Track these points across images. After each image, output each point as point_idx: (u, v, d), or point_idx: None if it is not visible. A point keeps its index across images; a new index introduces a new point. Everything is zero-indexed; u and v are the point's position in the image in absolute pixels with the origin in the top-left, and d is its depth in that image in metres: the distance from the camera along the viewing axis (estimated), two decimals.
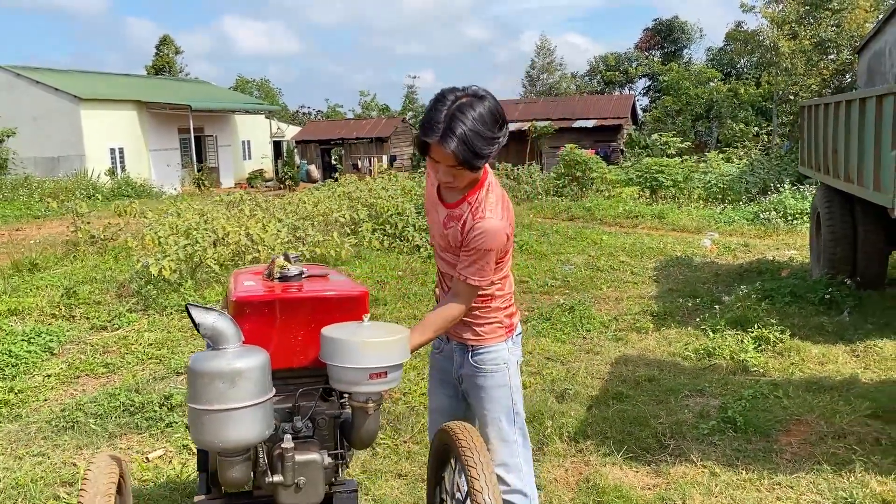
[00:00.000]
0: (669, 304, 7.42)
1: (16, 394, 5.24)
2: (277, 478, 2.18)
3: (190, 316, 2.02)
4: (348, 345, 2.07)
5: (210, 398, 1.99)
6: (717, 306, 7.07)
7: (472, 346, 2.63)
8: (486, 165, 2.50)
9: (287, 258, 2.56)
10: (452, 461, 2.62)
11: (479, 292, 2.55)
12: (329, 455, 2.28)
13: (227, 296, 2.47)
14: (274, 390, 2.13)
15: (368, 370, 2.07)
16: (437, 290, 2.79)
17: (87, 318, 7.25)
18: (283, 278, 2.46)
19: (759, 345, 5.85)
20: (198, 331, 2.03)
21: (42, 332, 6.57)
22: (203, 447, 2.12)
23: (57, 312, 7.39)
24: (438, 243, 2.62)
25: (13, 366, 5.79)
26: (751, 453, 4.04)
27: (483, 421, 2.65)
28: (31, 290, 8.51)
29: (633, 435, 4.29)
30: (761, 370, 5.37)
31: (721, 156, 22.19)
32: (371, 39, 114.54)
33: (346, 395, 2.22)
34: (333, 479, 2.44)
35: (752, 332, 6.01)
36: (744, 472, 3.83)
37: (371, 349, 2.06)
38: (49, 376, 5.65)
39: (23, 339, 6.31)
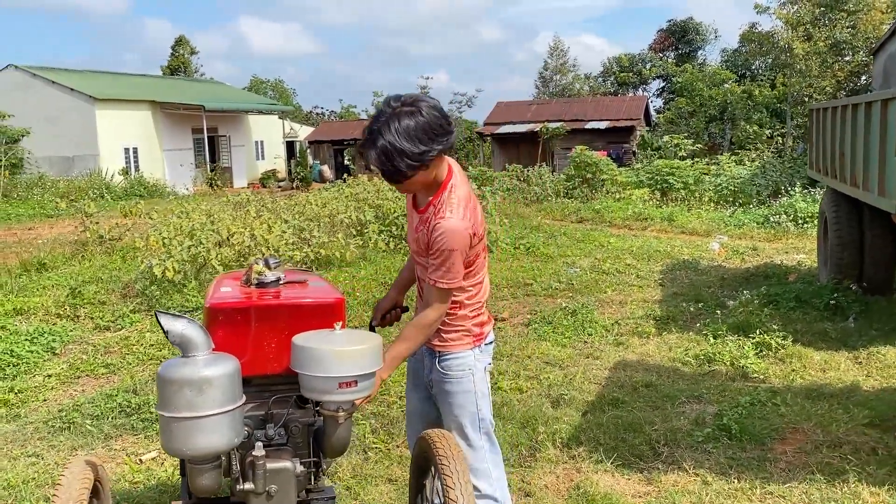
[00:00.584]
0: (673, 308, 7.36)
1: (16, 394, 5.29)
2: (249, 485, 2.17)
3: (159, 323, 2.02)
4: (317, 353, 2.06)
5: (178, 406, 1.98)
6: (720, 311, 7.01)
7: (439, 351, 2.63)
8: (453, 165, 2.52)
9: (267, 264, 2.56)
10: (432, 469, 2.61)
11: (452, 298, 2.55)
12: (302, 463, 2.27)
13: (204, 301, 2.47)
14: (244, 398, 2.12)
15: (337, 379, 2.06)
16: (417, 299, 2.79)
17: (91, 319, 7.30)
18: (260, 284, 2.46)
19: (761, 351, 5.79)
20: (167, 337, 2.02)
21: (45, 331, 6.62)
22: (172, 454, 2.12)
23: (62, 312, 7.45)
24: (413, 248, 2.63)
25: (14, 366, 5.84)
26: (744, 462, 3.99)
27: (449, 426, 2.67)
28: (37, 289, 8.59)
29: (627, 442, 4.25)
30: (761, 377, 5.31)
31: (733, 158, 22.04)
32: (385, 40, 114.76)
33: (318, 404, 2.21)
34: (310, 487, 2.43)
35: (754, 338, 5.95)
36: (736, 481, 3.79)
37: (340, 358, 2.05)
38: (49, 376, 5.70)
39: (26, 339, 6.37)
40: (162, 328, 2.01)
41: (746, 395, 4.84)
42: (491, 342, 2.78)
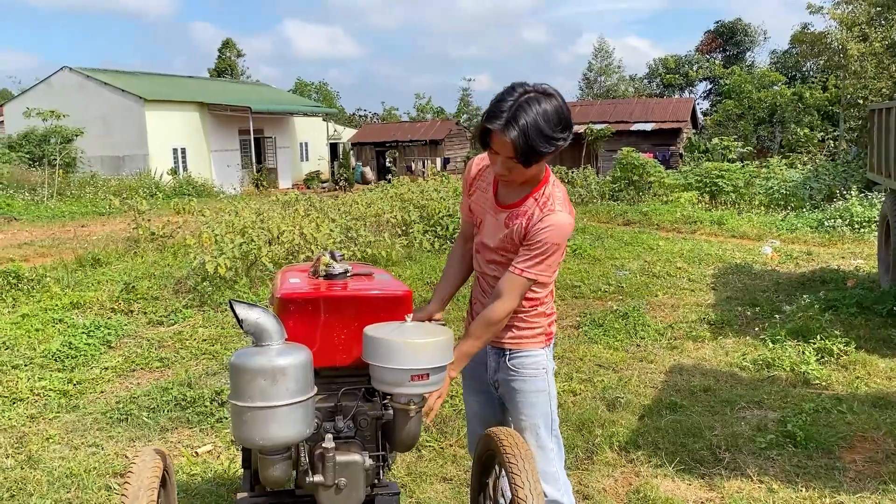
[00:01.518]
0: (727, 312, 7.20)
1: (74, 385, 5.38)
2: (318, 478, 2.15)
3: (233, 311, 2.01)
4: (390, 345, 2.03)
5: (252, 395, 1.97)
6: (777, 316, 6.83)
7: (510, 349, 2.55)
8: (548, 167, 2.44)
9: (333, 256, 2.54)
10: (497, 467, 2.56)
11: (530, 295, 2.47)
12: (370, 456, 2.25)
13: (273, 292, 2.46)
14: (315, 389, 2.10)
15: (410, 371, 2.02)
16: (468, 314, 2.72)
17: (145, 313, 7.42)
18: (329, 276, 2.44)
19: (822, 357, 5.61)
20: (241, 327, 2.01)
21: (101, 325, 6.74)
22: (243, 444, 2.11)
23: (116, 307, 7.58)
24: (492, 245, 2.50)
25: (73, 357, 5.95)
26: (811, 470, 3.86)
27: (519, 427, 2.57)
28: (92, 284, 8.76)
29: (687, 446, 4.15)
30: (823, 383, 5.15)
31: (784, 161, 21.56)
32: (428, 42, 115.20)
33: (388, 397, 2.18)
34: (375, 481, 2.41)
35: (815, 344, 5.78)
36: (804, 489, 3.66)
37: (413, 350, 2.02)
38: (106, 369, 5.79)
39: (83, 332, 6.49)
40: (236, 317, 2.00)
41: (810, 402, 4.69)
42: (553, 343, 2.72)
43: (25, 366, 5.76)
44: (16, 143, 25.66)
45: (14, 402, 5.02)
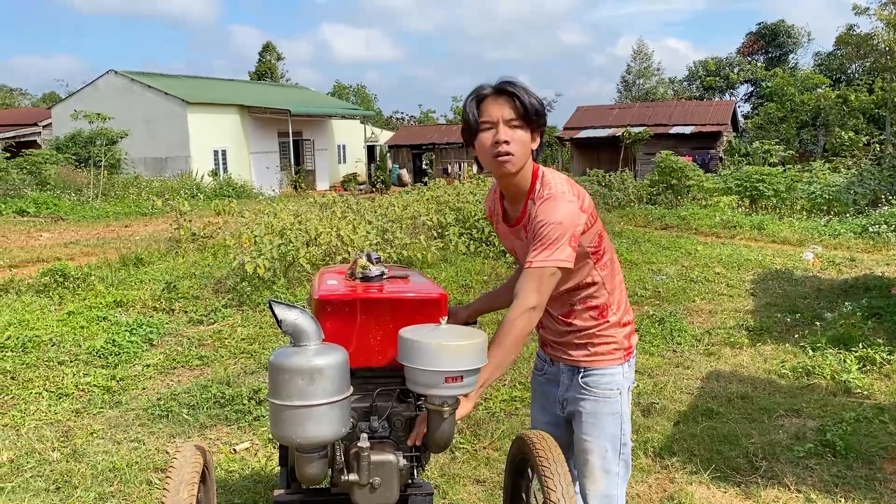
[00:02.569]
0: (766, 318, 7.10)
1: (117, 381, 5.52)
2: (353, 476, 2.18)
3: (272, 312, 2.05)
4: (425, 346, 2.05)
5: (290, 394, 2.01)
6: (818, 323, 6.72)
7: (585, 367, 2.41)
8: (535, 163, 2.31)
9: (370, 258, 2.58)
10: (529, 471, 2.57)
11: (592, 303, 2.36)
12: (404, 457, 2.28)
13: (311, 294, 2.51)
14: (351, 389, 2.14)
15: (444, 373, 2.05)
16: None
17: (185, 312, 7.57)
18: (365, 278, 2.48)
19: (864, 365, 5.51)
20: (279, 327, 2.06)
21: (143, 323, 6.90)
22: (281, 442, 2.16)
23: (158, 305, 7.75)
24: (521, 260, 2.40)
25: (116, 354, 6.10)
26: (851, 480, 3.80)
27: (586, 448, 2.44)
28: (135, 283, 8.96)
29: (723, 454, 4.11)
30: (865, 392, 5.05)
31: (827, 165, 21.13)
32: (465, 45, 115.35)
33: (423, 398, 2.20)
34: (409, 481, 2.43)
35: (856, 352, 5.67)
36: (843, 499, 3.60)
37: (447, 352, 2.04)
38: (148, 366, 5.92)
39: (126, 330, 6.65)
40: (275, 317, 2.04)
41: (850, 411, 4.61)
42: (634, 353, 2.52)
43: (71, 362, 5.92)
44: (63, 145, 26.35)
45: (60, 397, 5.18)
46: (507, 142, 2.19)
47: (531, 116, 2.21)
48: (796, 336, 6.45)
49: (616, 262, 2.46)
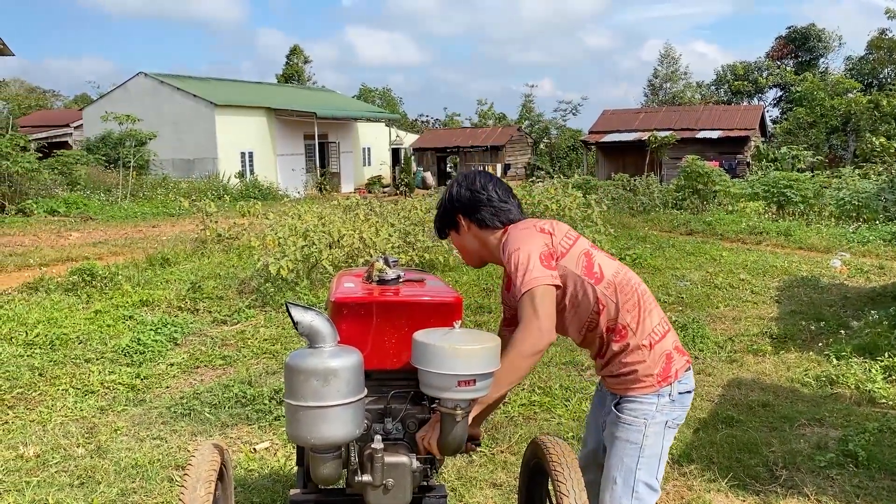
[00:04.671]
0: (791, 326, 7.02)
1: (142, 380, 5.61)
2: (367, 478, 2.21)
3: (289, 313, 2.09)
4: (437, 350, 2.07)
5: (305, 395, 2.05)
6: (843, 331, 6.63)
7: (619, 394, 2.37)
8: (507, 227, 2.42)
9: (387, 262, 2.61)
10: (544, 475, 2.58)
11: (608, 325, 2.30)
12: (418, 459, 2.30)
13: (328, 296, 2.54)
14: (366, 391, 2.16)
15: (457, 377, 2.07)
16: None
17: (210, 312, 7.66)
18: (381, 282, 2.51)
19: (889, 375, 5.42)
20: (296, 328, 2.09)
21: (168, 322, 7.00)
22: (296, 442, 2.19)
23: (183, 305, 7.86)
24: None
25: (141, 353, 6.20)
26: (873, 491, 3.75)
27: (604, 474, 2.40)
28: (161, 283, 9.10)
29: (742, 462, 4.07)
30: (890, 402, 4.97)
31: (857, 171, 20.81)
32: (490, 49, 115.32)
33: (436, 401, 2.22)
34: (424, 483, 2.46)
35: (882, 361, 5.59)
36: None
37: (460, 356, 2.06)
38: (172, 365, 6.01)
39: (151, 329, 6.75)
40: (292, 319, 2.08)
41: (874, 422, 4.54)
42: (687, 392, 2.36)
43: (97, 360, 6.03)
44: (93, 146, 26.80)
45: (86, 395, 5.27)
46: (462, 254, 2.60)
47: (440, 232, 2.58)
48: (821, 344, 6.37)
49: (630, 280, 2.35)
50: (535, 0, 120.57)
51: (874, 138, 30.65)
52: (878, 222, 14.79)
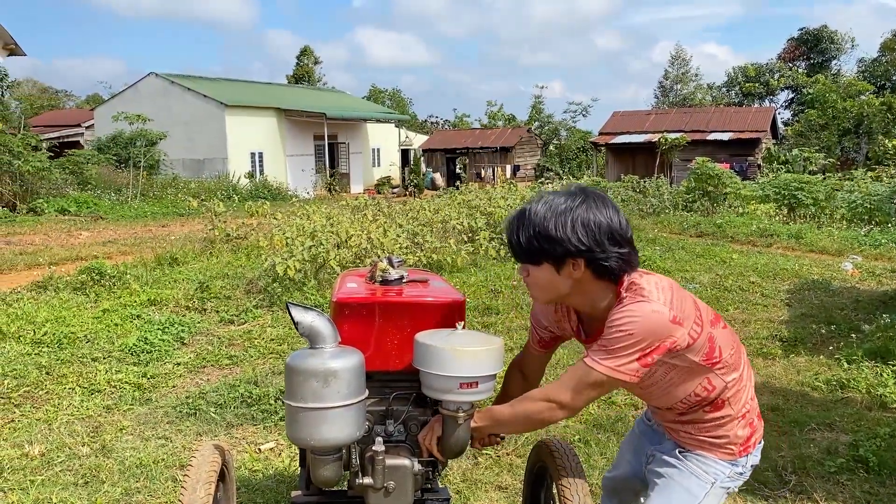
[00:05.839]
0: (801, 329, 6.95)
1: (148, 379, 5.61)
2: (367, 480, 2.19)
3: (290, 313, 2.07)
4: (440, 351, 2.05)
5: (305, 396, 2.02)
6: (854, 335, 6.56)
7: (688, 448, 2.16)
8: (628, 278, 1.99)
9: (390, 262, 2.58)
10: (548, 478, 2.55)
11: (700, 392, 2.04)
12: (420, 462, 2.27)
13: (331, 296, 2.52)
14: (367, 392, 2.14)
15: (459, 379, 2.04)
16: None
17: (217, 312, 7.66)
18: (385, 282, 2.48)
19: None
20: (296, 328, 2.07)
21: (176, 322, 7.01)
22: (296, 443, 2.17)
23: (190, 305, 7.87)
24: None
25: (148, 352, 6.20)
26: (884, 497, 3.69)
27: None
28: (169, 282, 9.11)
29: None
30: None
31: (869, 174, 20.65)
32: (500, 50, 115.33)
33: (438, 403, 2.20)
34: (428, 486, 2.43)
35: (894, 366, 5.52)
36: None
37: (462, 358, 2.04)
38: (178, 364, 6.01)
39: (158, 328, 6.75)
40: (292, 319, 2.06)
41: (885, 426, 4.48)
42: (755, 465, 2.19)
43: (104, 358, 6.03)
44: (104, 146, 26.92)
45: (92, 393, 5.27)
46: (525, 276, 2.08)
47: (529, 257, 2.01)
48: (831, 348, 6.30)
49: (743, 362, 2.12)
50: (546, 1, 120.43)
51: (887, 141, 30.43)
52: (890, 225, 14.65)
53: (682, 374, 2.01)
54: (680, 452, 2.17)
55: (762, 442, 2.21)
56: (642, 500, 2.33)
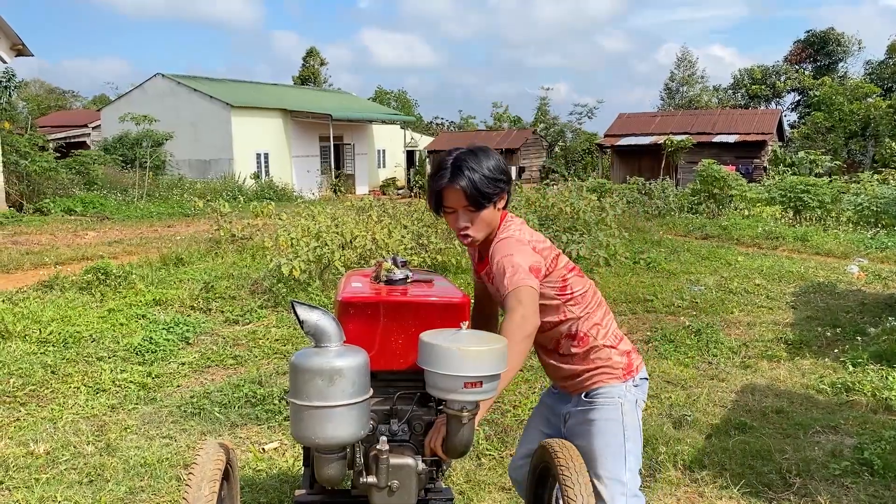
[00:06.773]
0: (806, 332, 6.93)
1: (153, 378, 5.62)
2: (371, 479, 2.19)
3: (295, 312, 2.07)
4: (444, 351, 2.05)
5: (309, 394, 2.03)
6: (860, 338, 6.54)
7: (586, 390, 2.52)
8: (504, 212, 2.47)
9: (395, 262, 2.59)
10: (550, 479, 2.55)
11: (567, 330, 2.49)
12: (424, 461, 2.28)
13: (336, 295, 2.53)
14: (371, 391, 2.14)
15: (463, 378, 2.04)
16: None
17: (222, 312, 7.68)
18: (389, 281, 2.49)
19: None
20: (301, 327, 2.08)
21: (181, 322, 7.02)
22: (301, 442, 2.17)
23: (195, 305, 7.88)
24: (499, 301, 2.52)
25: (153, 352, 6.22)
26: (889, 500, 3.68)
27: (588, 457, 2.43)
28: (175, 282, 9.13)
29: (755, 469, 4.02)
30: None
31: (876, 177, 20.58)
32: (506, 52, 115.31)
33: (443, 402, 2.20)
34: (431, 486, 2.43)
35: None
36: None
37: (467, 357, 2.04)
38: (183, 364, 6.02)
39: (163, 328, 6.77)
40: (297, 317, 2.06)
41: (890, 429, 4.47)
42: (645, 378, 2.60)
43: (109, 358, 6.05)
44: (111, 146, 27.02)
45: (97, 392, 5.29)
46: (467, 226, 2.41)
47: (482, 201, 2.37)
48: (837, 351, 6.29)
49: (595, 297, 2.55)
50: (551, 3, 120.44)
51: (894, 143, 30.34)
52: None
53: (546, 311, 2.43)
54: (585, 397, 2.51)
55: (644, 367, 2.61)
56: (584, 454, 2.48)
